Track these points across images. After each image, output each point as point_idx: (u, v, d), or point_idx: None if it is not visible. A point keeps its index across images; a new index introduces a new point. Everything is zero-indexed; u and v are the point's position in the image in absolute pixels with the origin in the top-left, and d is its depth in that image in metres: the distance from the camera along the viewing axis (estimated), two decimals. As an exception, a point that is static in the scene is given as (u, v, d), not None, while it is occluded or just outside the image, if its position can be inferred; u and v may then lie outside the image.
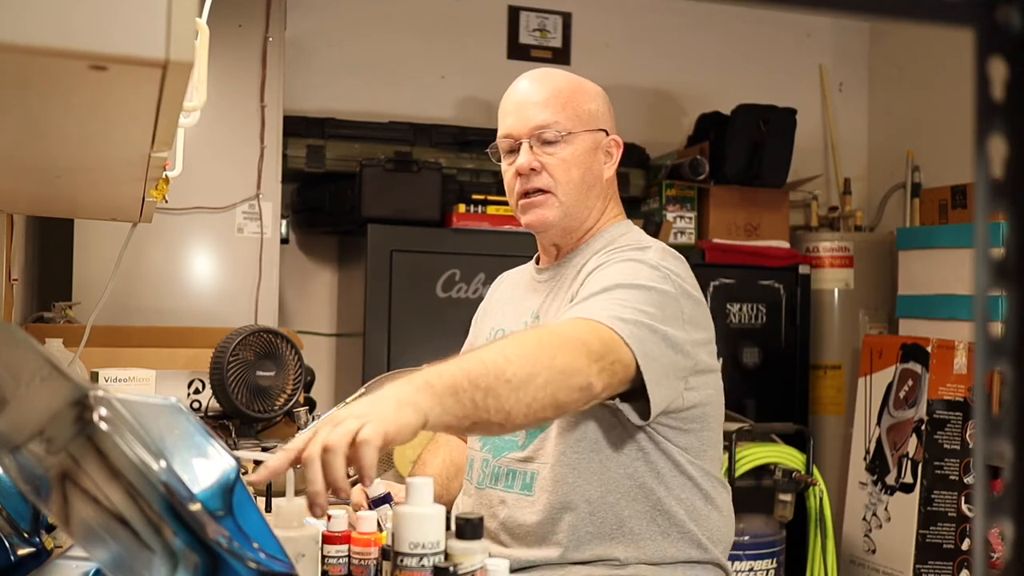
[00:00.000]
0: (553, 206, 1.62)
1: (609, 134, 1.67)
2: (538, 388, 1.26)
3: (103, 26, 0.63)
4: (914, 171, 4.03)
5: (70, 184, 1.48)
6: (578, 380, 1.30)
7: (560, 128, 1.60)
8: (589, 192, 1.64)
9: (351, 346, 3.54)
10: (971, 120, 0.46)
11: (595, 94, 1.68)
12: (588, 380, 1.30)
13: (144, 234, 2.60)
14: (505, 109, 1.66)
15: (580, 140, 1.62)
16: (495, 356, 1.27)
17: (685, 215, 3.80)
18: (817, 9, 0.48)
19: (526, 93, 1.64)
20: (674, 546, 1.54)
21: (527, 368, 1.26)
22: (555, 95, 1.62)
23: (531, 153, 1.60)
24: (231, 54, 3.13)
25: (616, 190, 1.73)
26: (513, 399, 1.24)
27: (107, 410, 0.79)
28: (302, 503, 1.18)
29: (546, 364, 1.27)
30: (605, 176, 1.66)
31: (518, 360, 1.26)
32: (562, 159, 1.60)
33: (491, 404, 1.22)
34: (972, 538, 0.99)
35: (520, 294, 1.74)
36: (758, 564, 3.10)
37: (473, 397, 1.21)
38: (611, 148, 1.67)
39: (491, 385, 1.22)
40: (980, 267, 0.45)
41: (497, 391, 1.23)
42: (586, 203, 1.64)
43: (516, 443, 1.59)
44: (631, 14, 4.14)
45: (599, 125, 1.65)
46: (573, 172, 1.61)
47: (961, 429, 3.18)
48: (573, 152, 1.61)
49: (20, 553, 1.19)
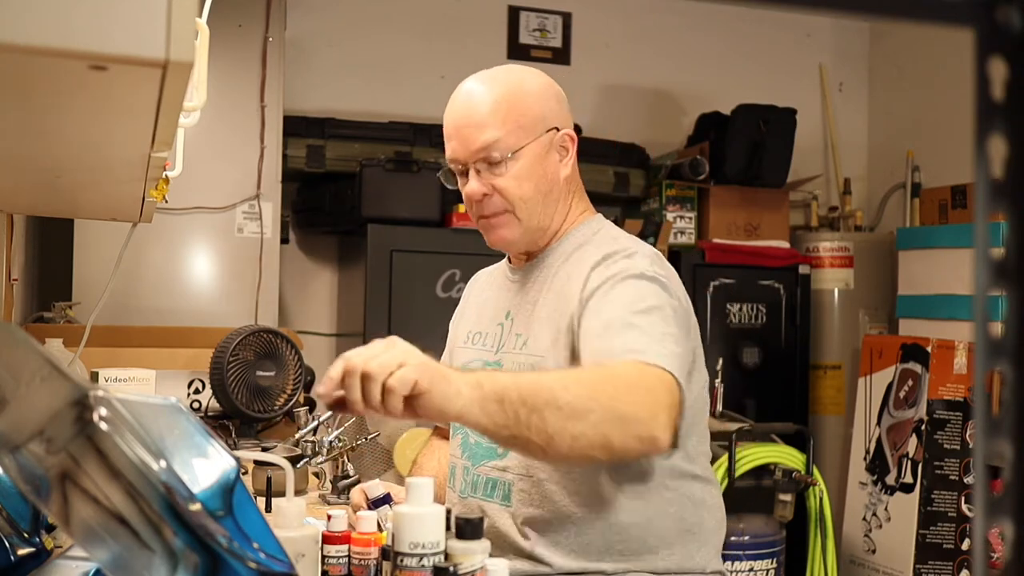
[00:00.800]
0: (512, 224, 1.56)
1: (561, 129, 1.57)
2: (589, 425, 1.23)
3: (103, 26, 0.63)
4: (914, 171, 4.03)
5: (70, 184, 1.48)
6: (639, 430, 1.26)
7: (504, 147, 1.52)
8: (547, 199, 1.57)
9: (351, 346, 3.50)
10: (971, 120, 0.46)
11: (538, 92, 1.58)
12: (652, 433, 1.26)
13: (144, 234, 2.60)
14: (447, 131, 1.58)
15: (528, 151, 1.53)
16: (553, 381, 1.25)
17: (685, 215, 3.80)
18: (817, 9, 0.48)
19: (464, 112, 1.56)
20: (665, 558, 1.50)
21: (583, 402, 1.23)
22: (494, 109, 1.53)
23: (479, 178, 1.53)
24: (231, 54, 3.13)
25: (580, 184, 1.65)
26: (558, 426, 1.21)
27: (107, 410, 0.79)
28: (302, 503, 1.18)
29: (604, 404, 1.24)
30: (562, 175, 1.58)
31: (575, 391, 1.24)
32: (513, 177, 1.53)
33: (535, 423, 1.20)
34: (972, 538, 0.99)
35: (493, 295, 1.70)
36: (758, 564, 3.10)
37: (517, 411, 1.19)
38: (564, 143, 1.58)
39: (539, 406, 1.20)
40: (980, 267, 0.45)
41: (544, 414, 1.20)
42: (547, 211, 1.57)
43: (495, 451, 1.55)
44: (631, 14, 4.14)
45: (547, 126, 1.56)
46: (526, 187, 1.54)
47: (961, 429, 3.18)
48: (522, 167, 1.53)
49: (20, 553, 1.19)
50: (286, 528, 1.13)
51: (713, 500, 1.58)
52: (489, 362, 1.61)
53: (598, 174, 3.64)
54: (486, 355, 1.62)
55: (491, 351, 1.62)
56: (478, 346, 1.66)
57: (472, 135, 1.53)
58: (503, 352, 1.59)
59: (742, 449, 3.10)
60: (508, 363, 1.56)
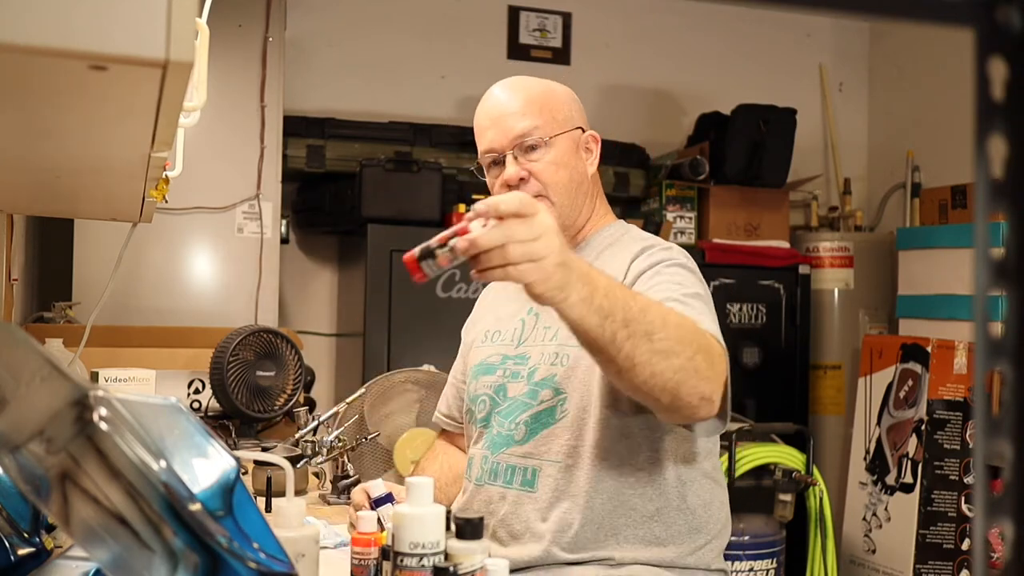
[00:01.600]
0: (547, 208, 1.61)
1: (585, 131, 1.68)
2: (670, 366, 1.27)
3: (103, 26, 0.63)
4: (914, 171, 4.03)
5: (70, 184, 1.48)
6: (705, 388, 1.31)
7: (541, 133, 1.61)
8: (578, 191, 1.65)
9: (351, 346, 3.54)
10: (971, 120, 0.46)
11: (565, 95, 1.69)
12: (713, 396, 1.33)
13: (144, 234, 2.60)
14: (482, 124, 1.66)
15: (562, 142, 1.62)
16: (656, 314, 1.28)
17: (685, 215, 3.80)
18: (817, 9, 0.48)
19: (501, 105, 1.65)
20: (671, 550, 1.53)
21: (673, 344, 1.27)
22: (530, 102, 1.63)
23: (517, 163, 1.61)
24: (231, 54, 3.13)
25: (600, 187, 1.74)
26: (645, 359, 1.25)
27: (107, 410, 0.79)
28: (302, 503, 1.18)
29: (688, 354, 1.29)
30: (589, 173, 1.68)
31: (671, 332, 1.27)
32: (549, 163, 1.61)
33: (626, 348, 1.24)
34: (972, 538, 0.99)
35: (511, 295, 1.73)
36: (758, 564, 3.10)
37: (616, 332, 1.23)
38: (590, 144, 1.68)
39: (637, 334, 1.24)
40: (980, 267, 0.45)
41: (638, 342, 1.24)
42: (576, 202, 1.65)
43: (514, 438, 1.59)
44: (631, 14, 4.14)
45: (575, 124, 1.66)
46: (561, 174, 1.62)
47: (961, 429, 3.18)
48: (557, 154, 1.62)
49: (20, 553, 1.19)
50: (286, 528, 1.13)
51: (720, 501, 1.62)
52: (510, 355, 1.65)
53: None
54: (506, 349, 1.67)
55: (511, 345, 1.66)
56: (496, 342, 1.70)
57: (510, 123, 1.62)
58: (527, 345, 1.64)
59: (742, 449, 3.10)
60: (535, 354, 1.62)
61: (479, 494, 1.62)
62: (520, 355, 1.63)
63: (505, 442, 1.60)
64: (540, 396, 1.58)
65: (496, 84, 1.69)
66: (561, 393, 1.56)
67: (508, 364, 1.65)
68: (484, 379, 1.68)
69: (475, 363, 1.72)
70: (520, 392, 1.60)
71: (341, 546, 1.59)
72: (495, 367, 1.67)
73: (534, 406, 1.58)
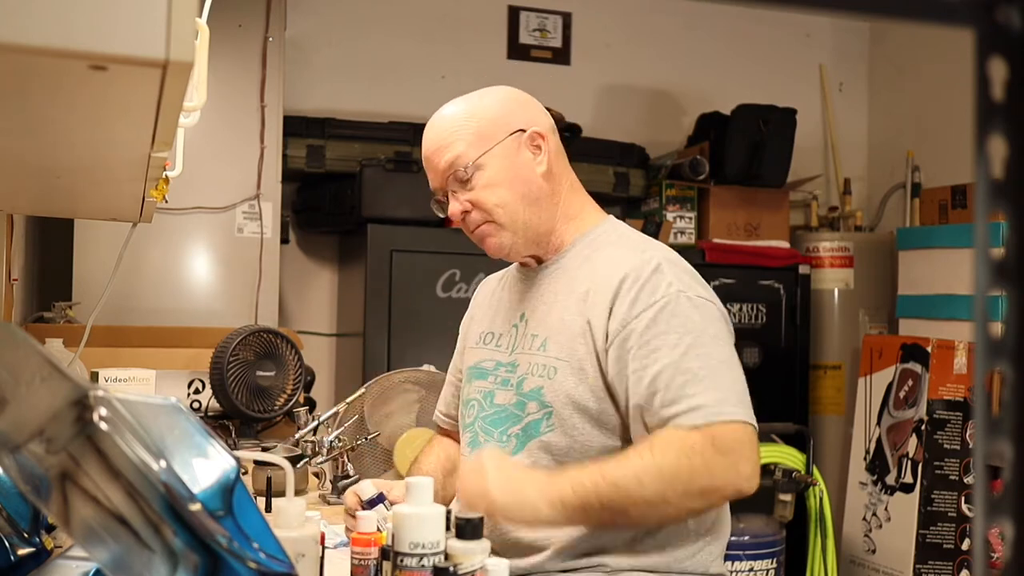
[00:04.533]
0: (498, 232, 1.58)
1: (527, 129, 1.58)
2: (672, 508, 1.39)
3: (103, 26, 0.63)
4: (914, 171, 4.03)
5: (70, 184, 1.47)
6: (723, 495, 1.42)
7: (465, 159, 1.55)
8: (526, 200, 1.57)
9: (351, 346, 3.54)
10: (971, 120, 0.46)
11: (494, 102, 1.60)
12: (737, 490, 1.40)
13: (144, 234, 2.60)
14: (424, 166, 1.64)
15: (491, 159, 1.55)
16: (628, 479, 1.36)
17: (685, 215, 3.80)
18: (817, 9, 0.48)
19: (427, 143, 1.61)
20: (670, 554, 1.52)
21: (660, 494, 1.36)
22: (448, 129, 1.57)
23: (456, 198, 1.58)
24: (231, 54, 3.13)
25: (570, 182, 1.64)
26: (643, 516, 1.40)
27: (107, 410, 0.79)
28: (302, 503, 1.18)
29: (681, 491, 1.37)
30: (539, 173, 1.58)
31: (652, 486, 1.36)
32: (482, 187, 1.56)
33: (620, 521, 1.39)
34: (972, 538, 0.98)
35: (506, 297, 1.71)
36: (758, 564, 3.10)
37: (601, 516, 1.36)
38: (535, 142, 1.58)
39: (620, 509, 1.36)
40: (980, 267, 0.45)
41: (627, 512, 1.37)
42: (530, 211, 1.58)
43: (504, 450, 1.56)
44: (631, 14, 4.14)
45: (510, 129, 1.57)
46: (499, 193, 1.56)
47: (961, 429, 3.18)
48: (490, 175, 1.55)
49: (20, 553, 1.19)
50: (286, 528, 1.13)
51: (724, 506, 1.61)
52: (503, 362, 1.62)
53: (598, 174, 3.64)
54: (500, 355, 1.64)
55: (505, 352, 1.63)
56: (491, 346, 1.67)
57: (437, 159, 1.59)
58: (518, 352, 1.60)
59: (742, 449, 3.10)
60: (524, 363, 1.58)
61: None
62: (512, 363, 1.60)
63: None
64: (528, 408, 1.55)
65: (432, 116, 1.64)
66: (547, 407, 1.53)
67: (500, 371, 1.62)
68: (477, 383, 1.66)
69: (470, 364, 1.70)
70: (508, 401, 1.58)
71: (341, 546, 1.59)
72: (488, 372, 1.64)
73: (523, 418, 1.55)
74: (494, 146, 1.56)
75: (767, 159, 3.72)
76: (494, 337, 1.68)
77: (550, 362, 1.54)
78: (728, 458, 1.37)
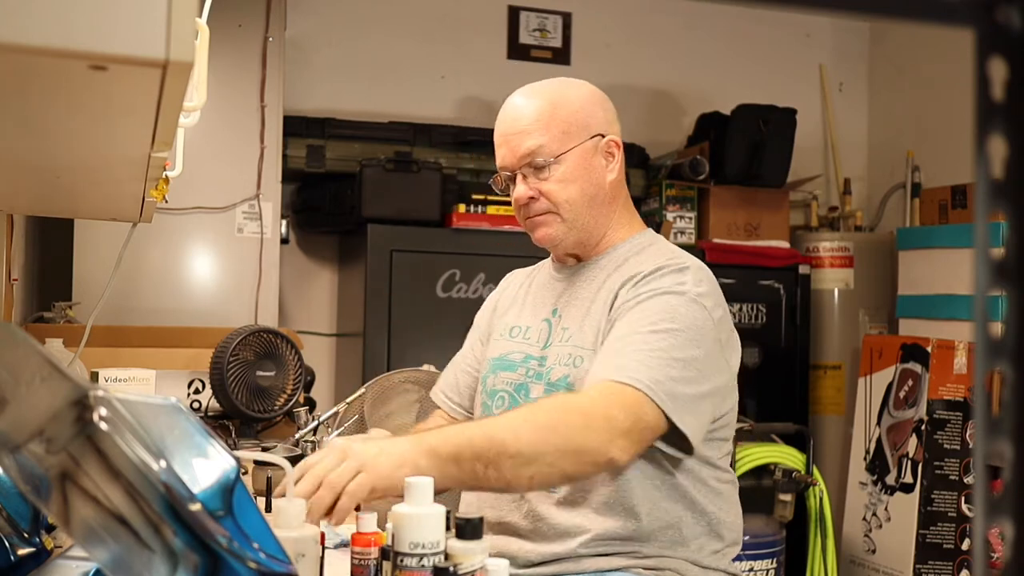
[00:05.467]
0: (556, 224, 1.62)
1: (606, 136, 1.64)
2: (544, 464, 1.34)
3: (103, 26, 0.63)
4: (914, 171, 4.03)
5: (70, 184, 1.48)
6: (595, 457, 1.37)
7: (547, 152, 1.59)
8: (592, 202, 1.63)
9: (351, 346, 3.54)
10: (971, 120, 0.46)
11: (581, 101, 1.64)
12: (608, 456, 1.37)
13: (144, 234, 2.60)
14: (496, 141, 1.66)
15: (571, 157, 1.60)
16: (504, 431, 1.34)
17: (685, 215, 3.80)
18: (817, 9, 0.48)
19: (510, 122, 1.63)
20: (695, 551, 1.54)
21: (534, 446, 1.34)
22: (537, 117, 1.60)
23: (525, 183, 1.61)
24: (231, 54, 3.13)
25: (626, 192, 1.70)
26: (514, 473, 1.33)
27: (107, 410, 0.79)
28: (302, 503, 1.18)
29: (556, 444, 1.35)
30: (608, 180, 1.64)
31: (527, 437, 1.34)
32: (557, 181, 1.60)
33: (491, 475, 1.32)
34: (972, 538, 0.99)
35: (538, 292, 1.74)
36: (758, 564, 3.10)
37: (474, 468, 1.31)
38: (610, 149, 1.64)
39: (493, 459, 1.31)
40: (980, 267, 0.45)
41: (499, 464, 1.32)
42: (591, 213, 1.63)
43: None
44: (631, 14, 4.14)
45: (591, 132, 1.62)
46: (571, 190, 1.60)
47: (961, 429, 3.18)
48: (566, 171, 1.60)
49: (20, 553, 1.19)
50: (286, 528, 1.13)
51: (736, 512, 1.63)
52: (533, 356, 1.65)
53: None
54: (530, 349, 1.67)
55: (536, 346, 1.66)
56: (519, 339, 1.70)
57: (517, 141, 1.61)
58: (551, 347, 1.63)
59: (742, 449, 3.10)
60: (553, 354, 1.61)
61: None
62: (543, 356, 1.63)
63: None
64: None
65: (513, 94, 1.67)
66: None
67: (531, 364, 1.64)
68: (504, 375, 1.67)
69: (494, 356, 1.71)
70: (540, 394, 1.60)
71: (341, 546, 1.59)
72: (516, 364, 1.66)
73: None
74: (575, 146, 1.60)
75: (767, 159, 3.72)
76: (522, 331, 1.70)
77: (575, 351, 1.58)
78: (607, 423, 1.37)
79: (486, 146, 1.75)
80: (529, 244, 1.78)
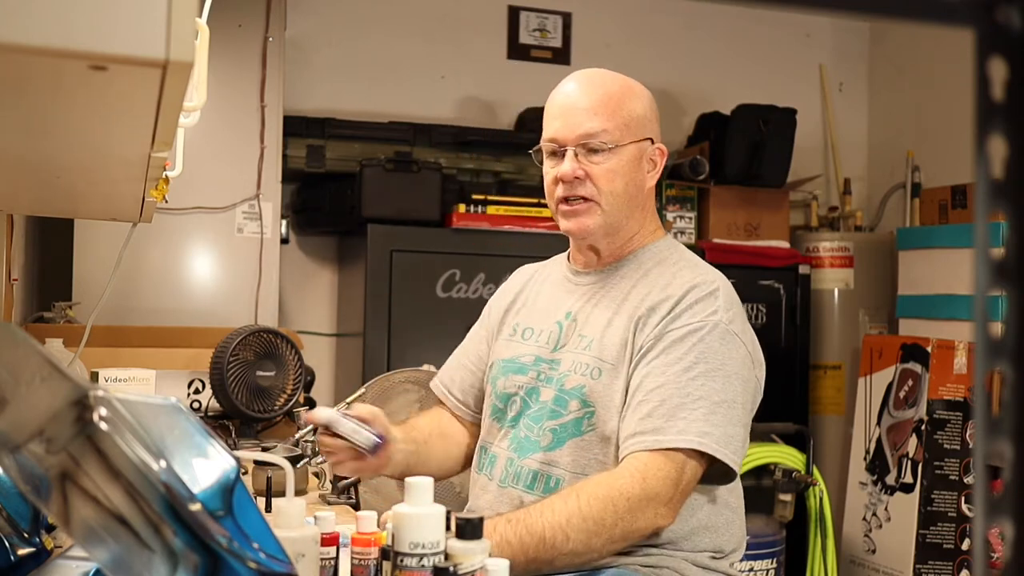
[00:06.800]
0: (595, 214, 1.60)
1: (655, 142, 1.64)
2: (595, 553, 1.43)
3: (103, 26, 0.63)
4: (914, 171, 4.03)
5: (70, 184, 1.47)
6: (642, 534, 1.45)
7: (607, 139, 1.57)
8: (631, 202, 1.62)
9: (351, 346, 3.54)
10: (971, 120, 0.46)
11: (645, 102, 1.64)
12: (655, 527, 1.45)
13: (144, 234, 2.60)
14: (551, 112, 1.63)
15: (626, 151, 1.59)
16: (555, 530, 1.39)
17: (685, 215, 3.80)
18: (817, 9, 0.48)
19: (575, 97, 1.61)
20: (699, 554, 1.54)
21: (586, 544, 1.40)
22: (604, 102, 1.59)
23: (576, 161, 1.58)
24: (231, 54, 3.13)
25: (654, 202, 1.71)
26: (568, 561, 1.41)
27: (107, 410, 0.79)
28: (302, 503, 1.18)
29: (606, 536, 1.41)
30: (647, 186, 1.64)
31: (576, 536, 1.39)
32: (608, 169, 1.58)
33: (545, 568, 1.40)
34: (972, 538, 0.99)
35: (551, 291, 1.72)
36: (758, 564, 3.10)
37: (527, 567, 1.38)
38: (655, 157, 1.65)
39: (548, 559, 1.39)
40: (980, 267, 0.45)
41: (553, 562, 1.40)
42: (627, 212, 1.62)
43: (539, 444, 1.58)
44: (631, 14, 4.14)
45: (646, 134, 1.62)
46: (617, 183, 1.59)
47: (961, 429, 3.18)
48: (619, 163, 1.59)
49: (20, 553, 1.19)
50: (286, 528, 1.13)
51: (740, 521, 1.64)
52: (544, 358, 1.63)
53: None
54: (541, 351, 1.65)
55: (547, 348, 1.64)
56: (530, 341, 1.68)
57: (579, 118, 1.59)
58: (564, 351, 1.62)
59: (742, 449, 3.10)
60: (568, 361, 1.60)
61: (501, 495, 1.61)
62: (555, 360, 1.62)
63: (532, 447, 1.59)
64: (569, 406, 1.57)
65: (576, 73, 1.66)
66: (589, 406, 1.55)
67: (542, 367, 1.63)
68: (515, 378, 1.66)
69: (503, 357, 1.70)
70: (549, 398, 1.59)
71: (341, 546, 1.58)
72: (527, 367, 1.65)
73: (563, 415, 1.57)
74: (631, 142, 1.60)
75: (767, 159, 3.72)
76: (533, 333, 1.68)
77: (595, 363, 1.56)
78: (652, 502, 1.42)
79: (486, 146, 1.75)
80: (529, 245, 1.77)
